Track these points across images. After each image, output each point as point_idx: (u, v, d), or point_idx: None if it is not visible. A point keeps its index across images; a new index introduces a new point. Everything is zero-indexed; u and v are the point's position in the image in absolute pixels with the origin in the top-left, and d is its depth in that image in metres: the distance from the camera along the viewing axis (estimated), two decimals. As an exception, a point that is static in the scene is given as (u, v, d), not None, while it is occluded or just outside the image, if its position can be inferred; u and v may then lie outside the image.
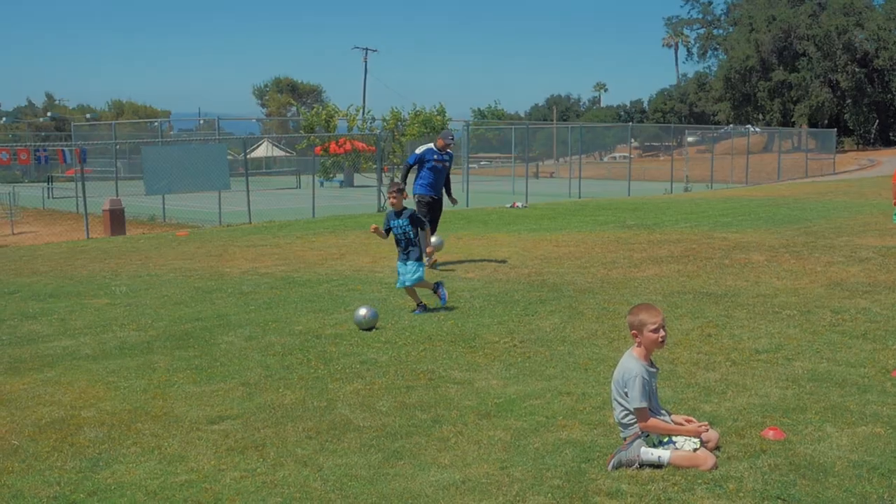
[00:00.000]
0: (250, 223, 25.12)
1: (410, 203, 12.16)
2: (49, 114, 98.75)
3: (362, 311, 9.60)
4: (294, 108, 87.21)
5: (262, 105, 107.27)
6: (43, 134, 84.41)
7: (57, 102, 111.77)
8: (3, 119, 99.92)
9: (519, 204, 28.30)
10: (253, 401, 7.13)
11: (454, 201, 15.20)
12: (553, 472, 5.47)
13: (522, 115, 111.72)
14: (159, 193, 27.07)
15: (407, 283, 10.53)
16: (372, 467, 5.65)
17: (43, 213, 37.00)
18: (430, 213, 14.16)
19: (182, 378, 7.85)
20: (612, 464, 5.49)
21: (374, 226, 10.83)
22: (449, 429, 6.34)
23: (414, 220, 10.53)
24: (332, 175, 43.89)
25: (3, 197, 38.38)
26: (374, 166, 31.53)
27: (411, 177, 14.28)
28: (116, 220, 26.08)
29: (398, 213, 10.51)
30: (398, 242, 10.62)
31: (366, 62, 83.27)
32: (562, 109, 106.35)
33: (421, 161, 14.22)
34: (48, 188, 43.45)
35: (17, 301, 12.13)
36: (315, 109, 33.90)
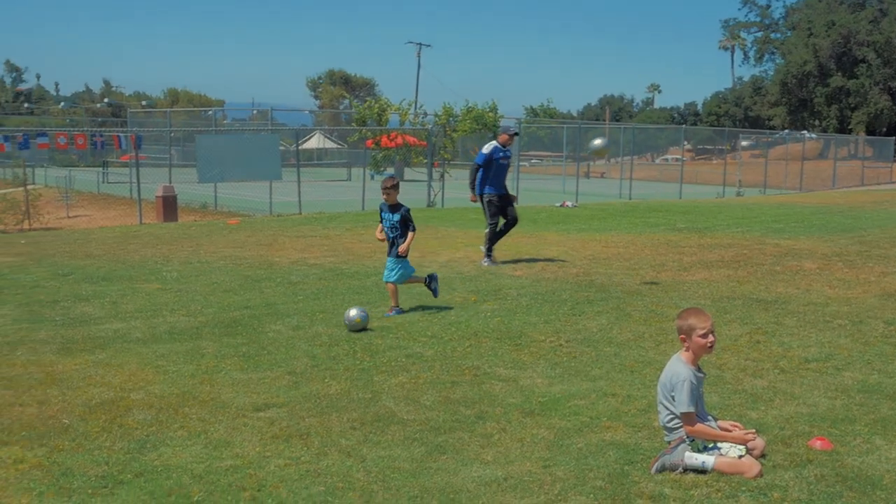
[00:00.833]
0: (300, 214, 25.30)
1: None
2: (106, 100, 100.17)
3: (352, 312, 9.31)
4: (347, 101, 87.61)
5: (315, 97, 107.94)
6: (99, 119, 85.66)
7: (114, 89, 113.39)
8: (62, 104, 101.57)
9: (569, 203, 28.21)
10: (299, 390, 7.19)
11: (513, 198, 15.07)
12: (596, 472, 5.46)
13: (575, 114, 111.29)
14: (212, 181, 27.33)
15: (391, 280, 10.37)
16: (415, 460, 5.67)
17: (97, 197, 37.54)
18: (501, 210, 14.13)
19: (229, 365, 7.94)
20: (655, 467, 5.46)
21: (379, 235, 10.71)
22: (492, 425, 6.35)
23: (405, 221, 10.42)
24: (382, 168, 44.03)
25: (59, 180, 39.04)
26: (425, 161, 31.60)
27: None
28: (169, 206, 26.39)
29: (392, 208, 10.45)
30: (388, 236, 10.54)
31: (419, 57, 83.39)
32: (615, 110, 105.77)
33: (489, 161, 14.11)
34: (103, 173, 44.09)
35: (70, 283, 12.33)
36: (367, 103, 34.03)
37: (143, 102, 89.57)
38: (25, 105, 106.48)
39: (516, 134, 14.57)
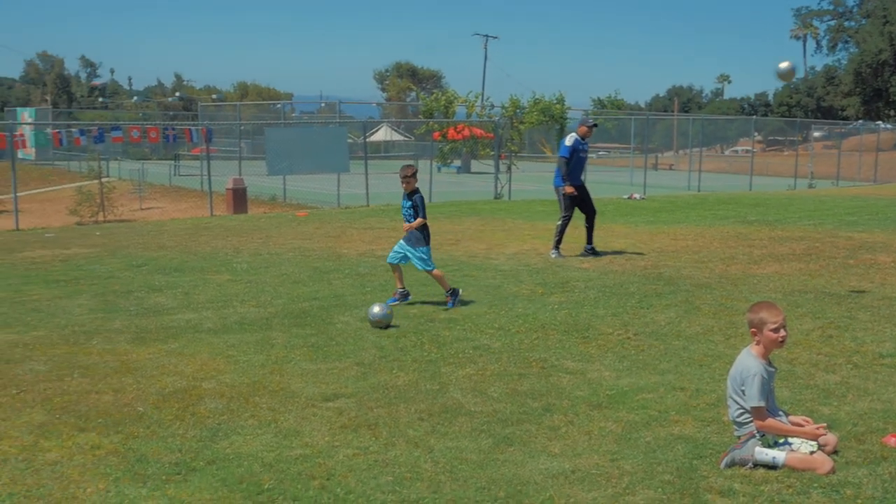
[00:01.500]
0: (368, 206, 25.47)
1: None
2: (177, 94, 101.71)
3: (375, 309, 9.23)
4: (413, 93, 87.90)
5: (382, 89, 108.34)
6: (171, 113, 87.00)
7: (185, 83, 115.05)
8: (135, 98, 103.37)
9: (637, 195, 27.99)
10: (367, 380, 7.26)
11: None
12: (664, 466, 5.42)
13: (643, 105, 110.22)
14: (281, 174, 27.61)
15: (430, 268, 10.39)
16: (482, 452, 5.69)
17: (169, 189, 38.17)
18: (581, 203, 14.07)
19: (299, 355, 8.04)
20: (724, 462, 5.41)
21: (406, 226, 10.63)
22: (560, 418, 6.35)
23: (416, 206, 10.33)
24: (449, 161, 44.08)
25: (132, 173, 39.77)
26: (492, 153, 31.57)
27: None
28: (239, 198, 26.75)
29: (409, 195, 10.40)
30: (405, 222, 10.50)
31: (486, 49, 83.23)
32: (683, 101, 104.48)
33: (573, 153, 14.03)
34: (175, 166, 44.78)
35: (144, 274, 12.57)
36: (434, 95, 34.03)
37: (214, 96, 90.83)
38: (100, 99, 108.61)
39: (595, 125, 14.44)
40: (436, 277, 10.44)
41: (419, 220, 10.30)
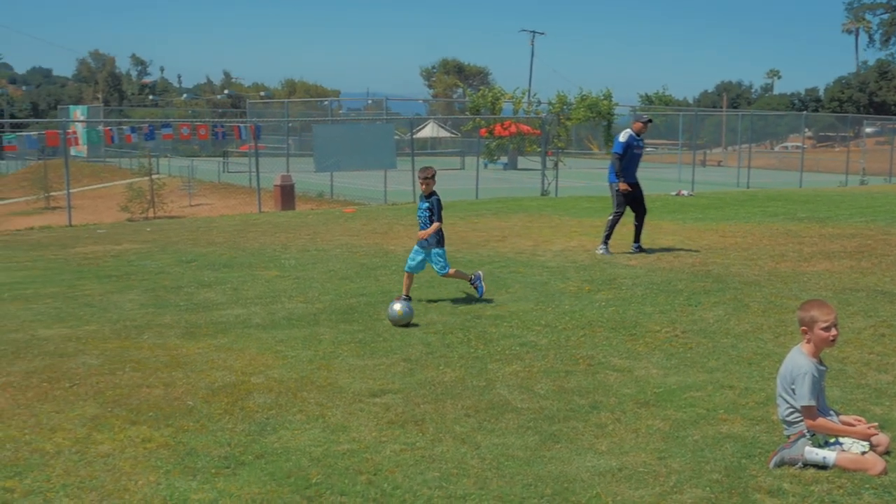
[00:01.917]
0: (414, 202, 25.50)
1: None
2: (226, 91, 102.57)
3: (396, 307, 9.15)
4: (460, 90, 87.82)
5: (429, 86, 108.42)
6: (220, 110, 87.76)
7: (233, 80, 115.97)
8: (184, 96, 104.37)
9: (684, 192, 27.77)
10: (414, 376, 7.28)
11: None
12: (712, 465, 5.39)
13: (691, 101, 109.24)
14: (328, 171, 27.76)
15: (446, 270, 10.27)
16: (529, 449, 5.69)
17: (218, 186, 38.52)
18: (633, 200, 13.99)
19: (346, 351, 8.09)
20: (773, 461, 5.36)
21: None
22: (607, 415, 6.33)
23: (433, 208, 10.19)
24: (496, 157, 44.03)
25: (182, 170, 40.20)
26: (539, 150, 31.48)
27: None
28: (287, 195, 26.94)
29: (427, 197, 10.29)
30: (420, 228, 10.36)
31: (533, 45, 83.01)
32: (732, 96, 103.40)
33: (626, 149, 13.90)
34: (223, 163, 45.21)
35: (193, 269, 12.71)
36: (481, 91, 33.99)
37: (262, 93, 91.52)
38: (150, 97, 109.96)
39: (650, 121, 14.28)
40: (453, 276, 10.40)
41: (435, 224, 10.18)
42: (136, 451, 5.66)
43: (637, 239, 14.21)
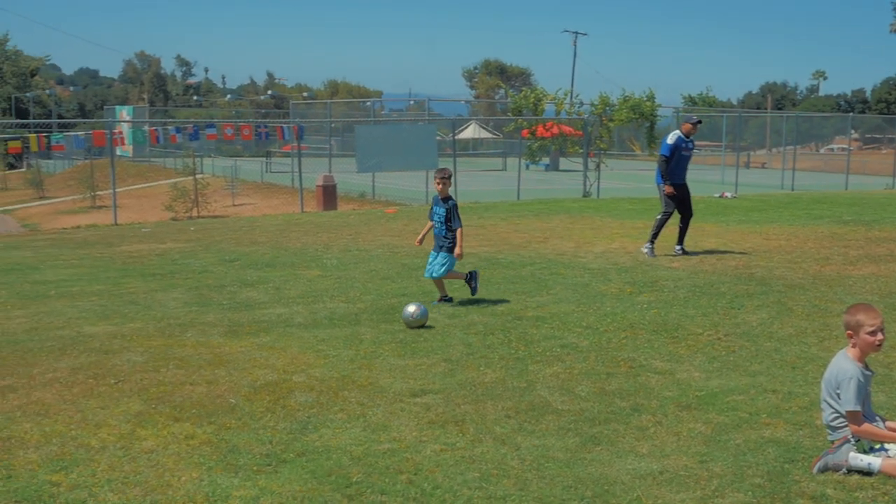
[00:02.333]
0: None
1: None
2: (269, 92, 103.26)
3: (411, 309, 9.05)
4: (502, 91, 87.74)
5: (471, 87, 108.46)
6: (263, 111, 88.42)
7: (277, 81, 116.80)
8: (228, 96, 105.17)
9: (728, 194, 27.55)
10: (454, 377, 7.29)
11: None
12: (754, 470, 5.35)
13: (735, 102, 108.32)
14: (370, 171, 27.87)
15: (434, 275, 10.16)
16: (569, 450, 5.68)
17: (261, 186, 38.79)
18: (680, 203, 13.90)
19: (387, 350, 8.12)
20: (817, 467, 5.31)
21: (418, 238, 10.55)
22: (648, 418, 6.30)
23: (450, 214, 10.06)
24: (538, 158, 43.98)
25: (225, 170, 40.53)
26: (581, 151, 31.39)
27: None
28: (329, 195, 27.07)
29: (443, 200, 10.16)
30: (435, 231, 10.24)
31: (575, 46, 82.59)
32: (777, 98, 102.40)
33: (674, 151, 13.81)
34: (266, 163, 45.51)
35: (236, 269, 12.82)
36: (523, 92, 33.96)
37: (305, 94, 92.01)
38: (194, 98, 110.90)
39: (699, 122, 14.09)
40: (445, 278, 10.24)
41: (460, 232, 10.06)
42: (179, 447, 5.72)
43: (681, 241, 14.12)
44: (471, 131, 65.17)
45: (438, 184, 10.14)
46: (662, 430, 6.06)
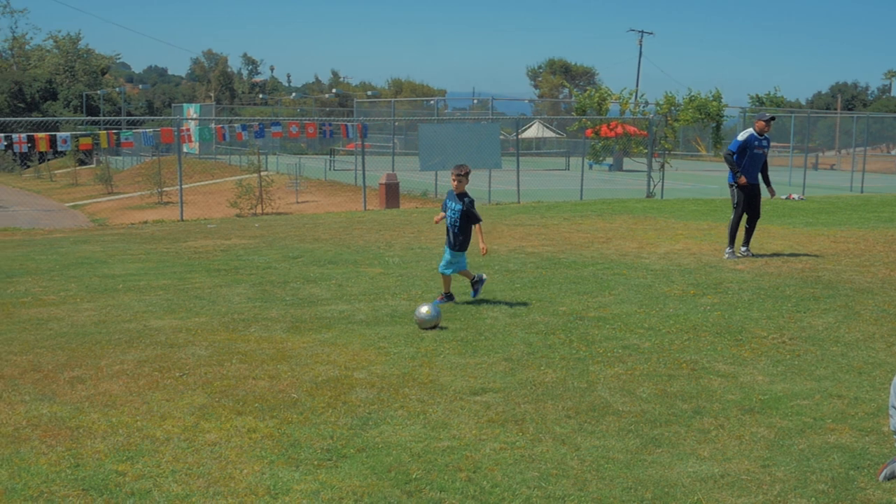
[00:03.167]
0: (518, 202, 25.50)
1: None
2: (334, 90, 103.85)
3: (424, 310, 8.95)
4: (566, 90, 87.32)
5: (535, 86, 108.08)
6: (327, 109, 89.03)
7: (341, 80, 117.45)
8: (293, 94, 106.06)
9: (795, 196, 27.14)
10: (515, 376, 7.29)
11: (772, 192, 14.48)
12: (818, 475, 5.27)
13: (803, 102, 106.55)
14: (433, 170, 27.92)
15: (448, 272, 10.07)
16: (629, 452, 5.65)
17: (324, 184, 39.07)
18: (750, 202, 13.75)
19: (448, 349, 8.13)
20: (883, 474, 5.21)
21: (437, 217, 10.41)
22: (710, 421, 6.24)
23: (466, 213, 9.95)
24: (601, 158, 43.70)
25: (289, 167, 40.91)
26: (645, 151, 31.16)
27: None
28: (391, 193, 27.19)
29: (458, 197, 10.04)
30: (447, 225, 10.14)
31: (641, 45, 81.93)
32: (847, 98, 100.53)
33: (744, 148, 13.70)
34: (330, 161, 45.82)
35: (300, 265, 12.94)
36: (588, 92, 33.76)
37: (369, 93, 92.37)
38: (260, 96, 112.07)
39: (772, 119, 13.85)
40: (449, 277, 10.19)
41: (478, 228, 9.99)
42: (241, 440, 5.80)
43: (747, 242, 13.95)
44: (534, 130, 64.97)
45: (454, 180, 10.08)
46: (724, 433, 6.00)
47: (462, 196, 10.07)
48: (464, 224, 10.05)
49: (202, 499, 4.93)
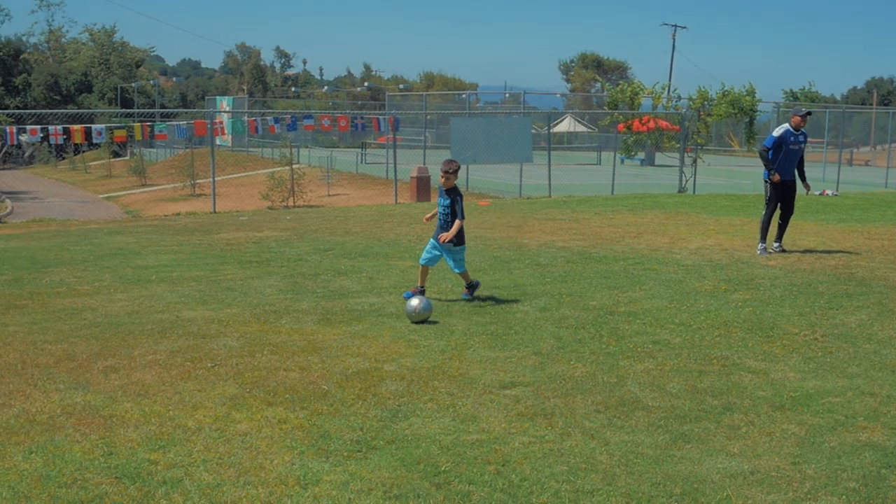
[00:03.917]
0: (549, 197, 25.46)
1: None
2: (366, 84, 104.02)
3: (414, 302, 8.95)
4: (598, 84, 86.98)
5: (567, 80, 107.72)
6: (359, 102, 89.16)
7: (373, 73, 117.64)
8: (325, 88, 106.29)
9: (829, 192, 26.91)
10: (544, 370, 7.29)
11: (807, 188, 14.38)
12: (849, 473, 5.24)
13: (838, 97, 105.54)
14: (465, 163, 27.86)
15: (458, 270, 9.92)
16: (658, 447, 5.64)
17: (355, 177, 39.15)
18: (783, 198, 13.67)
19: (478, 342, 8.15)
20: (916, 472, 5.18)
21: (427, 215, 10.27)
22: (740, 417, 6.21)
23: (455, 207, 9.81)
24: (633, 153, 43.46)
25: (321, 160, 41.04)
26: (677, 146, 30.98)
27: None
28: (423, 187, 27.21)
29: (447, 192, 9.91)
30: (438, 221, 10.02)
31: (674, 39, 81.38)
32: (883, 93, 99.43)
33: (779, 144, 13.61)
34: (361, 154, 45.90)
35: (330, 258, 12.99)
36: (620, 86, 33.57)
37: (401, 86, 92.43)
38: (293, 89, 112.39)
39: (808, 114, 13.71)
40: (463, 277, 10.09)
41: (457, 224, 9.79)
42: (272, 431, 5.85)
43: (779, 238, 13.85)
44: (566, 125, 64.75)
45: (442, 177, 9.96)
46: (755, 429, 5.98)
47: (450, 192, 9.94)
48: (453, 219, 9.89)
49: (233, 488, 4.97)
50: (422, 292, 9.91)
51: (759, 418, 6.20)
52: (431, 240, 10.11)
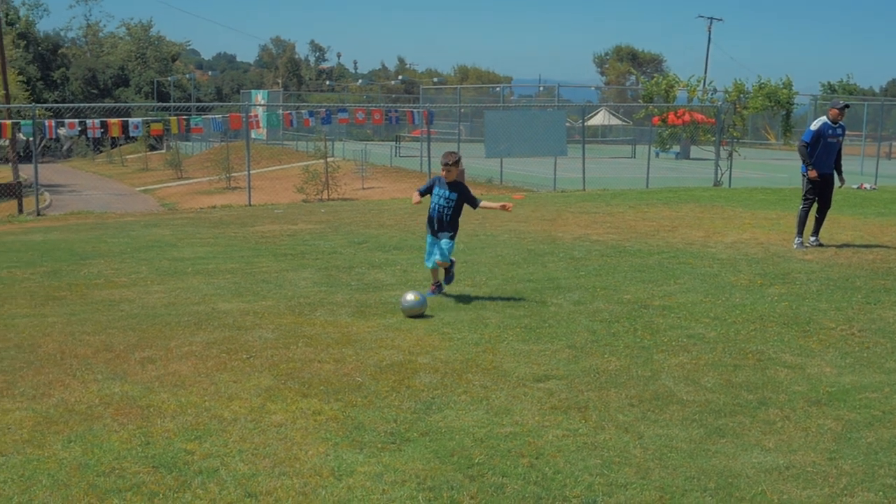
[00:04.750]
0: (584, 190, 25.38)
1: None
2: (400, 77, 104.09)
3: (410, 297, 8.89)
4: (633, 77, 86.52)
5: (602, 73, 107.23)
6: (393, 96, 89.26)
7: (407, 66, 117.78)
8: (359, 81, 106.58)
9: (867, 185, 26.63)
10: (578, 363, 7.28)
11: (842, 181, 14.25)
12: (886, 469, 5.20)
13: (877, 90, 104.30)
14: (499, 157, 27.88)
15: (445, 260, 9.65)
16: (693, 441, 5.62)
17: (389, 170, 39.24)
18: (821, 192, 13.56)
19: (511, 335, 8.15)
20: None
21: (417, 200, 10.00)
22: (776, 412, 6.18)
23: (464, 200, 9.68)
24: (668, 146, 43.20)
25: (355, 153, 41.14)
26: (713, 139, 30.76)
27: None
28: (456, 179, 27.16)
29: (451, 184, 9.72)
30: (432, 214, 9.84)
31: (710, 31, 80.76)
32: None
33: (817, 138, 13.46)
34: (396, 147, 45.96)
35: (365, 251, 13.04)
36: (655, 79, 33.36)
37: (435, 79, 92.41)
38: (327, 82, 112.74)
39: (846, 107, 13.55)
40: (442, 268, 9.83)
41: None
42: (307, 422, 5.89)
43: (816, 232, 13.73)
44: (600, 118, 64.50)
45: (443, 169, 9.81)
46: (790, 424, 5.94)
47: (454, 185, 9.77)
48: (456, 212, 9.79)
49: (268, 478, 5.02)
50: (438, 286, 9.90)
51: (795, 413, 6.16)
52: (428, 237, 9.91)
